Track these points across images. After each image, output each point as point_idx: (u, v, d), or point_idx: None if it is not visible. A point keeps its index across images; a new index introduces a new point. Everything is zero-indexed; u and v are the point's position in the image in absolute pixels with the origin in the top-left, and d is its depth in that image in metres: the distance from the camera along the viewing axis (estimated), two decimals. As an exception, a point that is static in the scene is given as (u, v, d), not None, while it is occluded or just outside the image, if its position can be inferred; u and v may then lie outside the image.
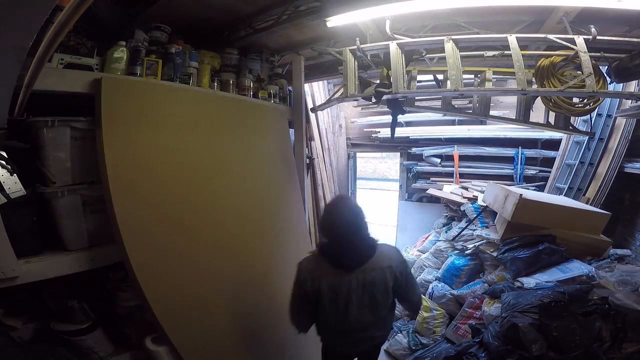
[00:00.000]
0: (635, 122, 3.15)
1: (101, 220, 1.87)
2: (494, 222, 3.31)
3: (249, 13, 2.55)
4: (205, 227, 2.24)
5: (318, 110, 3.68)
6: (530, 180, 4.27)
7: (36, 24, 0.88)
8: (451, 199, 3.95)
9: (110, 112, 1.85)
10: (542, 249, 2.57)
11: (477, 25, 2.27)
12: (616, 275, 2.27)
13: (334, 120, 5.27)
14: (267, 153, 2.94)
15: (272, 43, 3.05)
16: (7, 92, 1.21)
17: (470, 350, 2.32)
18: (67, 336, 1.80)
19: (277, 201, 2.98)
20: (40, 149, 1.75)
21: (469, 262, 3.24)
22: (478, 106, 2.68)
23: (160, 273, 1.91)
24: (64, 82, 1.77)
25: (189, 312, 1.99)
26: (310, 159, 4.15)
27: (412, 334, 3.27)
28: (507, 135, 4.32)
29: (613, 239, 2.83)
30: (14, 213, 1.59)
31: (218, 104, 2.58)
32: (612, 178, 3.25)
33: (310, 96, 4.37)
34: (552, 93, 2.09)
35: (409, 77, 2.53)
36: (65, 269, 1.76)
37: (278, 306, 2.66)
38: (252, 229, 2.61)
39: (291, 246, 3.04)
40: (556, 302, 2.03)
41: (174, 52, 2.28)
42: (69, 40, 1.83)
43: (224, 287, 2.26)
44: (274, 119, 3.08)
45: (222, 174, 2.47)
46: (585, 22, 2.05)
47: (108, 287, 2.04)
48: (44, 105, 1.69)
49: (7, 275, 1.52)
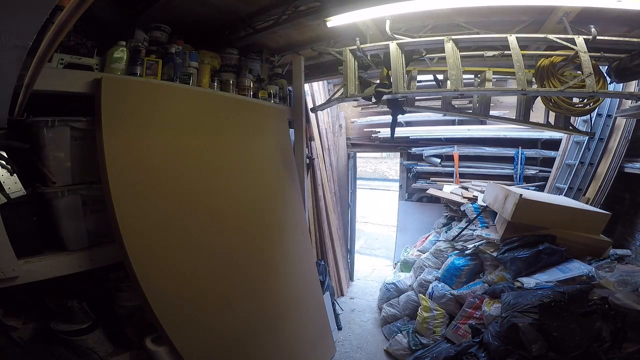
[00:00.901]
0: (635, 122, 3.16)
1: (101, 220, 1.87)
2: (494, 222, 3.32)
3: (249, 13, 2.55)
4: (205, 226, 2.24)
5: (318, 110, 3.69)
6: (530, 180, 4.28)
7: (36, 24, 0.88)
8: (451, 199, 3.95)
9: (111, 111, 1.85)
10: (542, 249, 2.57)
11: (477, 25, 2.27)
12: (616, 275, 2.27)
13: (334, 120, 5.27)
14: (267, 153, 2.94)
15: (272, 43, 3.05)
16: (7, 92, 1.21)
17: (470, 350, 2.32)
18: (67, 336, 1.80)
19: (278, 200, 2.98)
20: (40, 149, 1.74)
21: (469, 262, 3.24)
22: (478, 106, 2.68)
23: (160, 273, 1.91)
24: (64, 82, 1.77)
25: (190, 312, 1.99)
26: (310, 159, 4.15)
27: (412, 334, 3.28)
28: (507, 135, 4.32)
29: (613, 239, 2.83)
30: (14, 213, 1.58)
31: (219, 103, 2.58)
32: (612, 178, 3.25)
33: (310, 96, 4.37)
34: (552, 93, 2.09)
35: (409, 77, 2.53)
36: (65, 269, 1.76)
37: (279, 305, 2.68)
38: (253, 228, 2.61)
39: (292, 245, 3.05)
40: (556, 302, 2.03)
41: (174, 52, 2.28)
42: (69, 40, 1.83)
43: (225, 287, 2.27)
44: (274, 119, 3.08)
45: (223, 173, 2.47)
46: (585, 22, 2.05)
47: (108, 287, 2.04)
48: (44, 105, 1.69)
49: (7, 275, 1.51)
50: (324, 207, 4.45)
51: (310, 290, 3.19)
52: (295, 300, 2.90)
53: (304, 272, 3.13)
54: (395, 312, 3.77)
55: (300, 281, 3.04)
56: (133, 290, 1.87)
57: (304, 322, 2.95)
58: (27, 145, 1.68)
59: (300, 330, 2.87)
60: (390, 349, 3.41)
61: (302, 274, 3.10)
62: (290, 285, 2.89)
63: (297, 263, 3.06)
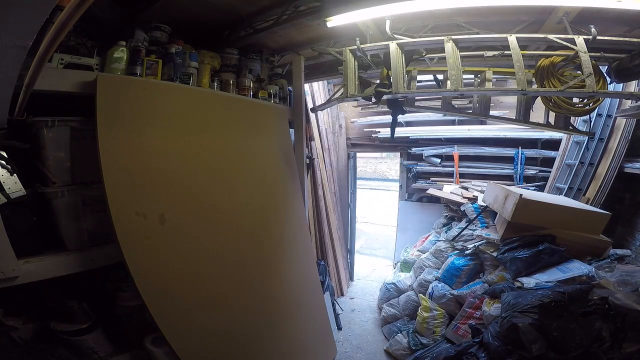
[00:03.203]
0: (635, 122, 3.15)
1: (101, 220, 1.86)
2: (494, 222, 3.32)
3: (249, 13, 2.55)
4: (205, 226, 2.23)
5: (318, 110, 3.69)
6: (530, 180, 4.28)
7: (36, 24, 0.89)
8: (451, 199, 3.96)
9: (106, 111, 1.84)
10: (542, 249, 2.57)
11: (477, 25, 2.27)
12: (616, 275, 2.27)
13: (334, 120, 5.27)
14: (268, 152, 2.93)
15: (272, 43, 3.05)
16: (8, 92, 1.21)
17: (470, 350, 2.32)
18: (67, 336, 1.80)
19: (279, 200, 2.98)
20: (40, 149, 1.74)
21: (469, 262, 3.24)
22: (478, 106, 2.68)
23: (158, 273, 1.90)
24: (64, 82, 1.76)
25: (188, 312, 1.98)
26: (310, 159, 4.15)
27: (412, 334, 3.28)
28: (507, 135, 4.32)
29: (613, 239, 2.83)
30: (14, 213, 1.58)
31: (220, 103, 2.58)
32: (612, 178, 3.25)
33: (310, 96, 4.37)
34: (552, 93, 2.10)
35: (409, 77, 2.53)
36: (65, 269, 1.75)
37: (280, 307, 2.67)
38: (253, 229, 2.61)
39: (293, 246, 3.04)
40: (556, 302, 2.03)
41: (174, 52, 2.27)
42: (69, 40, 1.83)
43: (225, 287, 2.26)
44: (275, 119, 3.08)
45: (223, 173, 2.47)
46: (585, 22, 2.05)
47: (108, 287, 2.04)
48: (44, 105, 1.69)
49: (7, 275, 1.51)
50: (324, 207, 4.45)
51: (311, 291, 3.18)
52: (296, 302, 2.89)
53: (304, 273, 3.12)
54: (395, 312, 3.77)
55: (301, 282, 3.03)
56: (133, 290, 1.87)
57: (305, 325, 2.94)
58: (27, 145, 1.68)
59: (302, 333, 2.86)
60: (390, 349, 3.41)
61: (303, 275, 3.09)
62: (291, 287, 2.87)
63: (298, 264, 3.05)
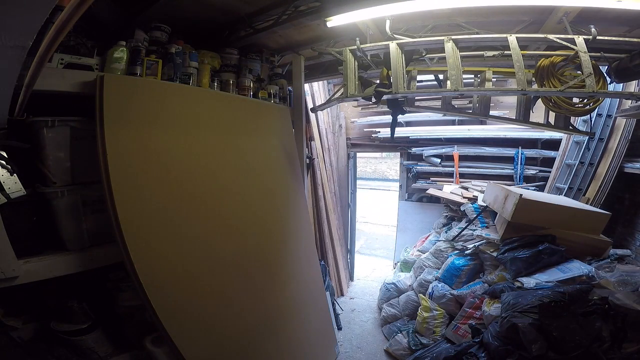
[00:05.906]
0: (635, 122, 3.16)
1: (101, 220, 1.86)
2: (494, 222, 3.32)
3: (249, 13, 2.55)
4: (208, 227, 2.23)
5: (318, 110, 3.68)
6: (530, 180, 4.28)
7: (36, 24, 0.89)
8: (451, 199, 3.96)
9: (112, 110, 1.84)
10: (542, 249, 2.57)
11: (477, 25, 2.27)
12: (616, 275, 2.27)
13: (334, 120, 5.27)
14: (271, 152, 2.93)
15: (272, 43, 3.05)
16: (8, 92, 1.21)
17: (470, 350, 2.32)
18: (67, 336, 1.80)
19: (283, 201, 2.97)
20: (40, 149, 1.74)
21: (469, 262, 3.24)
22: (478, 106, 2.68)
23: (162, 273, 1.90)
24: (64, 82, 1.76)
25: (192, 313, 1.98)
26: (310, 159, 4.15)
27: (412, 334, 3.28)
28: (507, 135, 4.33)
29: (613, 239, 2.83)
30: (14, 213, 1.58)
31: (223, 103, 2.57)
32: (612, 178, 3.25)
33: (310, 96, 4.37)
34: (552, 93, 2.09)
35: (409, 77, 2.52)
36: (65, 269, 1.75)
37: (283, 309, 2.66)
38: (257, 229, 2.60)
39: (296, 247, 3.04)
40: (556, 302, 2.03)
41: (174, 52, 2.27)
42: (69, 40, 1.83)
43: (229, 288, 2.25)
44: (277, 119, 3.07)
45: (227, 173, 2.46)
46: (585, 22, 2.05)
47: (108, 287, 2.04)
48: (44, 105, 1.69)
49: (7, 275, 1.51)
50: (324, 207, 4.46)
51: (314, 293, 3.17)
52: (299, 304, 2.88)
53: (308, 274, 3.11)
54: (395, 312, 3.77)
55: (304, 284, 3.02)
56: (133, 290, 1.87)
57: (308, 327, 2.93)
58: (27, 145, 1.68)
59: (304, 335, 2.85)
60: (390, 349, 3.41)
61: (306, 277, 3.09)
62: (294, 288, 2.87)
63: (301, 265, 3.05)
